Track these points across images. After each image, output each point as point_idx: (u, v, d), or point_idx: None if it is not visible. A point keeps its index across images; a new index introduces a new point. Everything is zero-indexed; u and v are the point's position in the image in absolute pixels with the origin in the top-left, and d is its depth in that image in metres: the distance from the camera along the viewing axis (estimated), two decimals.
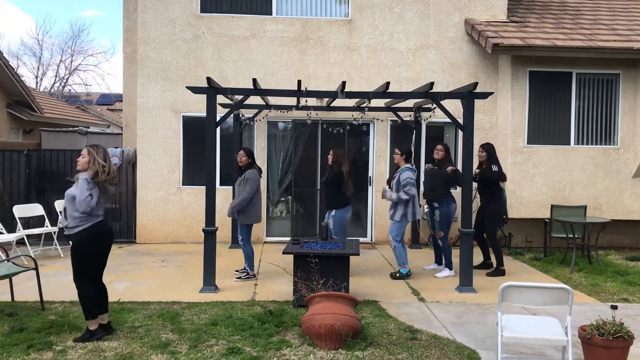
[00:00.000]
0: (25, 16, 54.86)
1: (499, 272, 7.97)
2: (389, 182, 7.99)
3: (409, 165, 7.72)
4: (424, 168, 9.00)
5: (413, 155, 9.47)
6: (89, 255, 5.10)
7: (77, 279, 5.11)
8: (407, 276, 7.74)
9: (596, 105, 10.16)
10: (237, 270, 7.76)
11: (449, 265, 7.99)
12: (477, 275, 7.62)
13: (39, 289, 6.12)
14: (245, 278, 7.60)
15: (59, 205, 9.47)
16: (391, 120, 10.56)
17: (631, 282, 7.60)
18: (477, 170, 8.10)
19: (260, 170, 7.68)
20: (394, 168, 7.99)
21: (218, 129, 7.54)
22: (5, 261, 6.38)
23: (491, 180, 7.94)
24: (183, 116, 10.39)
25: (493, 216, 8.08)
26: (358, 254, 6.30)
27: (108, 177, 5.03)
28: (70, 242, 5.10)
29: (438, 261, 8.33)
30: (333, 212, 7.81)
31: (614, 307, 4.66)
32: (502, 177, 8.05)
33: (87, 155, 5.03)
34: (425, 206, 8.12)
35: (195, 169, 10.31)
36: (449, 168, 7.88)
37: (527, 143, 10.02)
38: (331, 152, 7.97)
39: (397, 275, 7.74)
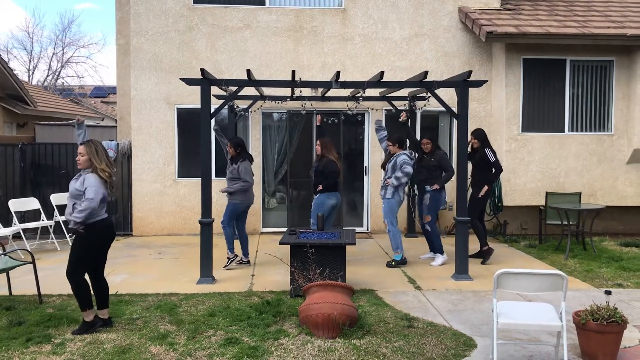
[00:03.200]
0: (15, 9, 54.43)
1: (488, 252, 8.02)
2: (383, 166, 8.00)
3: (405, 151, 7.81)
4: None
5: (408, 143, 9.49)
6: (93, 249, 5.16)
7: (73, 272, 5.10)
8: (403, 262, 7.79)
9: (590, 92, 10.18)
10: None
11: (440, 250, 8.06)
12: (472, 263, 7.67)
13: (36, 283, 6.13)
14: (229, 263, 7.70)
15: (54, 199, 9.46)
16: (386, 110, 10.56)
17: (625, 267, 7.66)
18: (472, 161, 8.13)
19: (251, 159, 7.89)
20: (388, 155, 8.01)
21: (213, 121, 7.53)
22: (2, 255, 6.38)
23: (488, 165, 7.97)
24: (177, 108, 10.37)
25: (475, 201, 8.12)
26: (354, 244, 6.33)
27: (109, 170, 5.14)
28: (73, 234, 5.12)
29: (433, 249, 8.38)
30: (317, 196, 7.88)
31: (608, 293, 4.70)
32: (499, 168, 8.09)
33: (86, 153, 5.08)
34: (417, 198, 8.14)
35: (191, 160, 10.31)
36: (434, 187, 7.94)
37: (522, 131, 10.05)
38: (318, 142, 7.98)
39: (393, 263, 7.79)
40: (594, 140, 10.08)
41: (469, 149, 8.01)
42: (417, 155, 8.34)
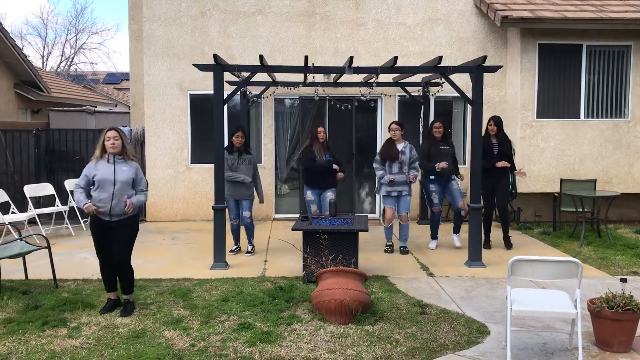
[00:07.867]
0: None
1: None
2: (388, 156, 7.70)
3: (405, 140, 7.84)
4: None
5: (421, 131, 9.41)
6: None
7: (129, 257, 5.32)
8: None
9: (606, 78, 10.03)
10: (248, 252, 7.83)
11: (456, 231, 8.19)
12: (485, 250, 7.64)
13: (51, 267, 6.20)
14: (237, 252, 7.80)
15: (69, 184, 9.54)
16: (399, 96, 10.48)
17: None
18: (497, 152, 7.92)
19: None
20: (391, 144, 7.77)
21: (225, 107, 7.52)
22: (18, 240, 6.47)
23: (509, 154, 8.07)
24: (190, 94, 10.37)
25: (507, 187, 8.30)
26: (367, 230, 6.32)
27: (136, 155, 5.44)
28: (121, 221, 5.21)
29: (457, 231, 8.26)
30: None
31: (624, 280, 4.66)
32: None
33: (120, 137, 5.20)
34: (432, 185, 7.99)
35: (204, 147, 10.32)
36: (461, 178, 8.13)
37: (537, 117, 9.93)
38: (323, 130, 7.76)
39: (406, 250, 7.79)
40: (610, 127, 9.95)
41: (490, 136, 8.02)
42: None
